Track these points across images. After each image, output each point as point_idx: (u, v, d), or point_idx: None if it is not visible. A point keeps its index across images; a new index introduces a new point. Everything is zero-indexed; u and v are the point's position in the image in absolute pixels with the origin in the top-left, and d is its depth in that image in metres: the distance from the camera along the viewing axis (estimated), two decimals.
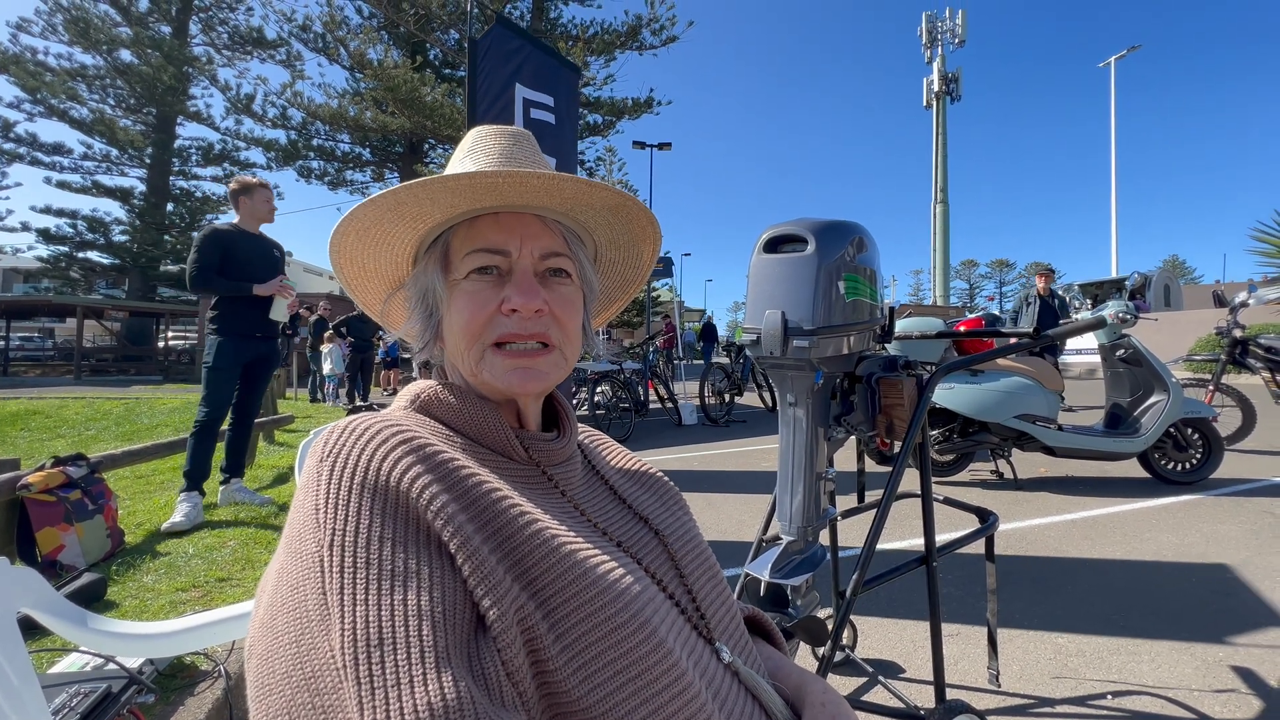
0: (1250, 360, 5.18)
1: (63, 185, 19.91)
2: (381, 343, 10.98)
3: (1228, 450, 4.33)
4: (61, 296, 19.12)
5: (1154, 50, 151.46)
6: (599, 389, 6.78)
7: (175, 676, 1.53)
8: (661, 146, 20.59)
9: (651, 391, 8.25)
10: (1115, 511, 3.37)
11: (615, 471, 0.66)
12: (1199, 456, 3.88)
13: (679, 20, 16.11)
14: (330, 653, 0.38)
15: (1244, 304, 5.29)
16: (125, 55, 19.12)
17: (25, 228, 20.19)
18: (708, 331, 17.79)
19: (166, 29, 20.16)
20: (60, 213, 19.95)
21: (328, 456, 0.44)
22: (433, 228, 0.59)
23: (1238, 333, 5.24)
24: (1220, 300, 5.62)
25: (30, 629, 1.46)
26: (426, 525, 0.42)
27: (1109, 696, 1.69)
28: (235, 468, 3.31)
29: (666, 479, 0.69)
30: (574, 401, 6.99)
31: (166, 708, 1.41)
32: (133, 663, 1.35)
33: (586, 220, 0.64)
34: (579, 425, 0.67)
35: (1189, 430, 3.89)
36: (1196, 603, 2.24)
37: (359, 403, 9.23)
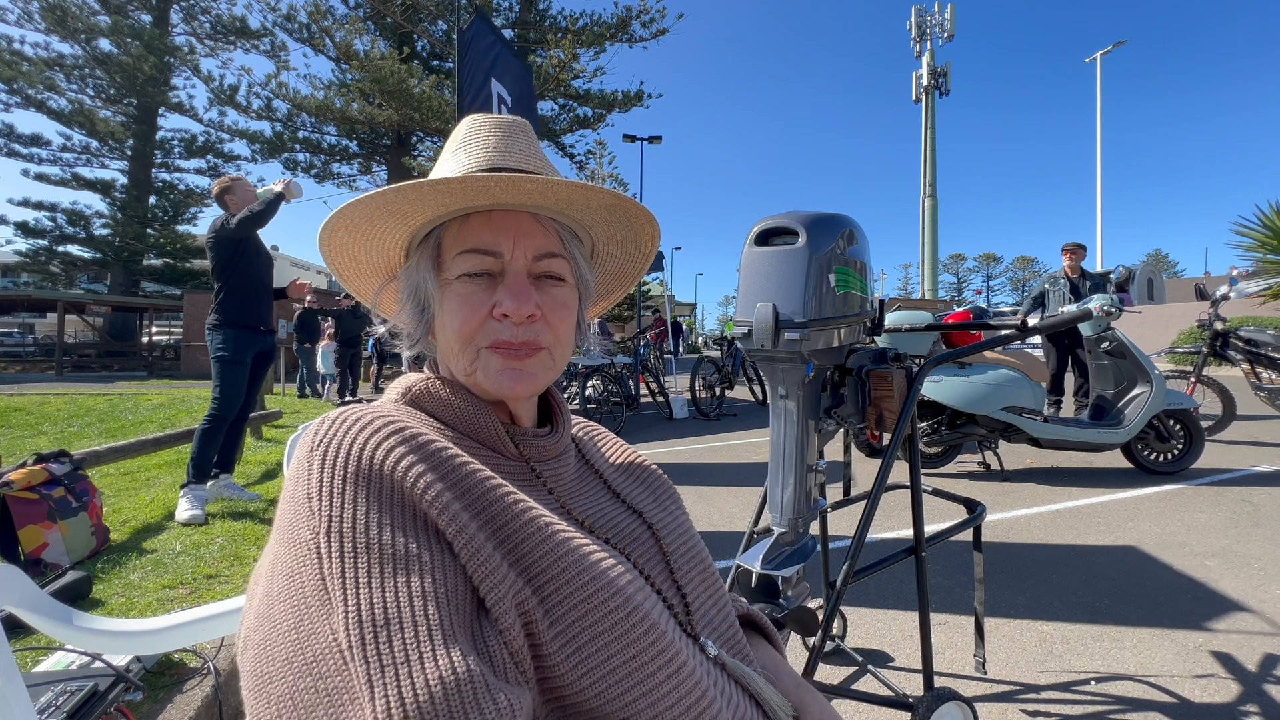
0: (1231, 352, 5.26)
1: (41, 178, 19.48)
2: (370, 338, 10.89)
3: (1208, 441, 4.41)
4: (42, 291, 18.76)
5: (1139, 46, 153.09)
6: (590, 383, 6.78)
7: (163, 674, 1.52)
8: (652, 140, 20.49)
9: (642, 385, 8.26)
10: (1099, 501, 3.42)
11: (609, 465, 0.66)
12: (1181, 447, 3.95)
13: (669, 13, 16.02)
14: (332, 636, 0.38)
15: (1225, 297, 5.37)
16: (104, 44, 18.69)
17: (3, 221, 19.65)
18: (673, 329, 19.39)
19: (146, 18, 19.73)
20: (39, 205, 19.52)
21: (318, 446, 0.43)
22: (424, 223, 0.58)
23: (1219, 325, 5.32)
24: (1202, 293, 5.62)
25: (14, 628, 1.44)
26: (422, 512, 0.42)
27: (1092, 682, 1.72)
28: (226, 463, 3.29)
29: (661, 472, 0.69)
30: (565, 396, 6.98)
31: (155, 705, 1.40)
32: (120, 660, 1.34)
33: (583, 217, 0.62)
34: (574, 419, 0.67)
35: (1171, 421, 3.95)
36: (1177, 590, 2.28)
37: (348, 398, 9.17)
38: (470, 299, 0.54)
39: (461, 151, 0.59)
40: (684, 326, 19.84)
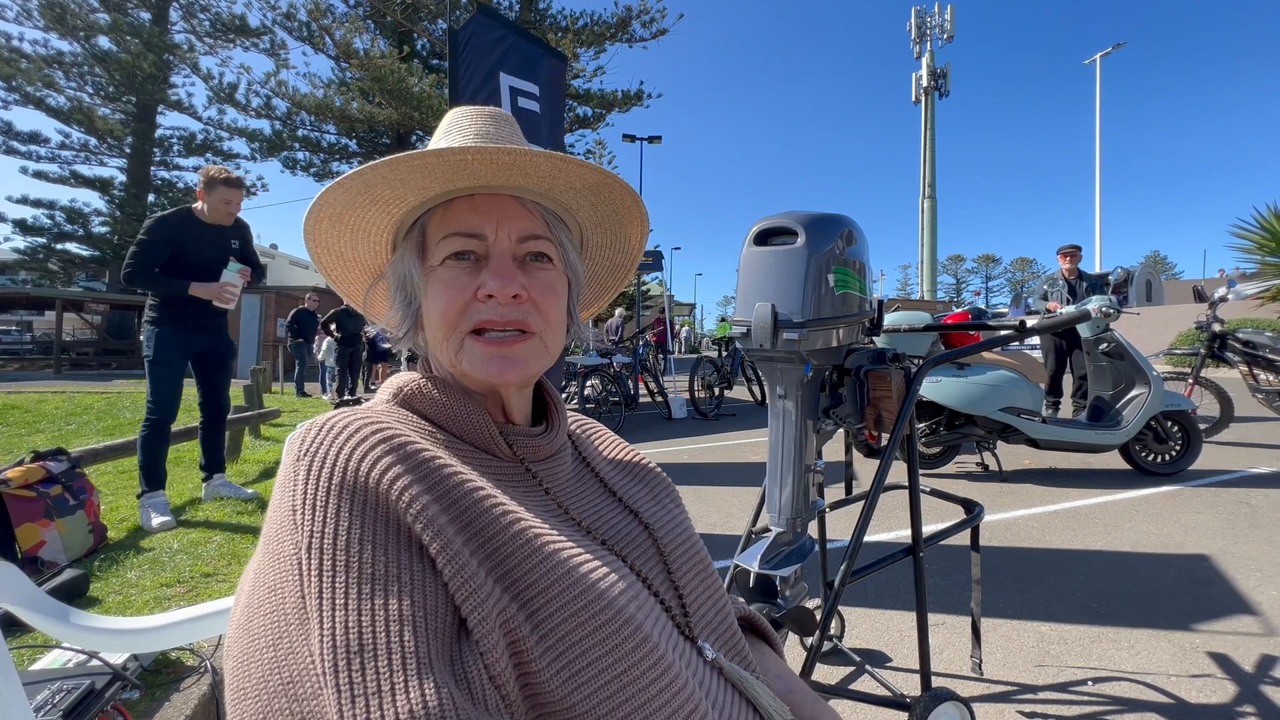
0: (1228, 354, 5.28)
1: (39, 175, 19.43)
2: (367, 337, 10.88)
3: (1206, 442, 4.42)
4: (40, 289, 18.74)
5: (1139, 46, 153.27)
6: (589, 383, 6.78)
7: (160, 672, 1.52)
8: (652, 140, 20.50)
9: (641, 385, 8.26)
10: (1097, 502, 3.43)
11: (607, 462, 0.65)
12: (1178, 448, 3.96)
13: (669, 12, 16.04)
14: (310, 658, 0.37)
15: (1223, 299, 5.38)
16: (104, 42, 18.65)
17: (1, 219, 19.63)
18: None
19: (146, 15, 19.69)
20: (38, 203, 19.46)
21: (305, 455, 0.43)
22: (408, 212, 0.58)
23: (1217, 327, 5.33)
24: (1200, 295, 5.63)
25: (11, 626, 1.44)
26: (406, 527, 0.41)
27: (1089, 683, 1.72)
28: (215, 464, 3.24)
29: (660, 470, 0.68)
30: (563, 395, 6.99)
31: (152, 704, 1.40)
32: (117, 659, 1.34)
33: (568, 202, 0.61)
34: (571, 414, 0.66)
35: (1169, 423, 3.96)
36: (1174, 591, 2.29)
37: (347, 397, 9.16)
38: (454, 282, 0.53)
39: (444, 140, 0.58)
40: (680, 327, 19.85)
